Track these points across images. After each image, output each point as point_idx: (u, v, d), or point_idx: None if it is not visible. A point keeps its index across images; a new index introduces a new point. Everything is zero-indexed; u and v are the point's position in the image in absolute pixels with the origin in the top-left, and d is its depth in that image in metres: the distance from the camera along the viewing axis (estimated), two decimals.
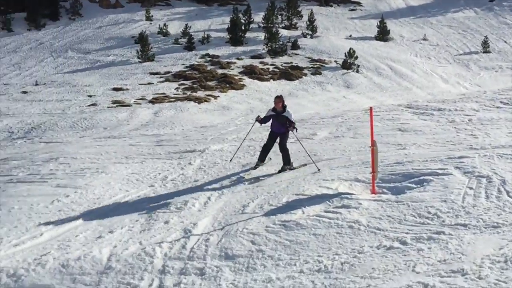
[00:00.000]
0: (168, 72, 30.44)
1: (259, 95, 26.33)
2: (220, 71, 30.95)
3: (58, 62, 34.77)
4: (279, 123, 9.43)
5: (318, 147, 11.07)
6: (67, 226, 7.26)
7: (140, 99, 24.10)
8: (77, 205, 8.14)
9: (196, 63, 32.70)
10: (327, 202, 7.28)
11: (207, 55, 34.73)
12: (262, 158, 9.71)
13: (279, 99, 9.48)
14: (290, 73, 31.26)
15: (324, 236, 6.19)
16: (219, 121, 18.43)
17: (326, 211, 6.97)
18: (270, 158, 9.97)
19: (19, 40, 40.72)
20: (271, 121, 9.66)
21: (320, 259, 5.61)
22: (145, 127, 17.79)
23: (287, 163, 9.45)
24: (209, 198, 8.30)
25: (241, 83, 28.64)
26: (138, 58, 33.46)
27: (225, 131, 14.76)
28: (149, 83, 27.98)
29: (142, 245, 6.42)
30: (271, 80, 30.20)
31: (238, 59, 34.07)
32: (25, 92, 26.15)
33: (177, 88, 26.84)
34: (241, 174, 9.37)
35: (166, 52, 35.98)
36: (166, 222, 7.25)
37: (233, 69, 31.77)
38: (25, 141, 16.12)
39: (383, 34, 41.75)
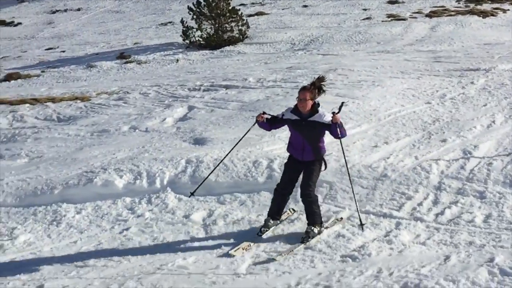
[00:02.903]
0: None
1: None
2: None
3: None
4: (306, 138, 4.86)
5: None
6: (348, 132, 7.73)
7: (416, 12, 22.95)
8: (354, 114, 8.55)
9: None
10: None
11: None
12: (274, 213, 5.15)
13: (306, 92, 4.79)
14: None
15: None
16: (507, 38, 16.21)
17: None
18: (294, 210, 5.50)
19: None
20: (289, 133, 5.09)
21: None
22: (420, 42, 17.01)
23: (315, 221, 4.95)
24: (493, 121, 7.63)
25: None
26: None
27: None
28: None
29: (418, 160, 6.43)
30: None
31: None
32: (305, 6, 27.77)
33: (458, 1, 24.49)
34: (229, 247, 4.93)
35: None
36: (444, 141, 7.02)
37: None
38: (304, 52, 17.39)
39: None
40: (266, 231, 5.09)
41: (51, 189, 6.51)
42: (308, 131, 4.83)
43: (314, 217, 4.95)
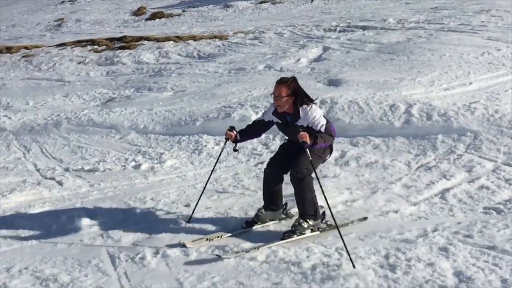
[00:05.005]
0: None
1: None
2: None
3: None
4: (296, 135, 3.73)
5: None
6: (497, 79, 7.07)
7: None
8: (508, 60, 7.73)
9: None
10: None
11: None
12: (267, 202, 4.14)
13: (282, 87, 3.80)
14: None
15: None
16: None
17: None
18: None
19: None
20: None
21: None
22: None
23: (305, 211, 3.88)
24: None
25: None
26: None
27: None
28: None
29: None
30: None
31: None
32: None
33: None
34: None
35: None
36: None
37: None
38: None
39: None
40: (255, 223, 4.07)
41: (193, 121, 6.99)
42: (295, 134, 3.72)
43: (304, 205, 3.87)
